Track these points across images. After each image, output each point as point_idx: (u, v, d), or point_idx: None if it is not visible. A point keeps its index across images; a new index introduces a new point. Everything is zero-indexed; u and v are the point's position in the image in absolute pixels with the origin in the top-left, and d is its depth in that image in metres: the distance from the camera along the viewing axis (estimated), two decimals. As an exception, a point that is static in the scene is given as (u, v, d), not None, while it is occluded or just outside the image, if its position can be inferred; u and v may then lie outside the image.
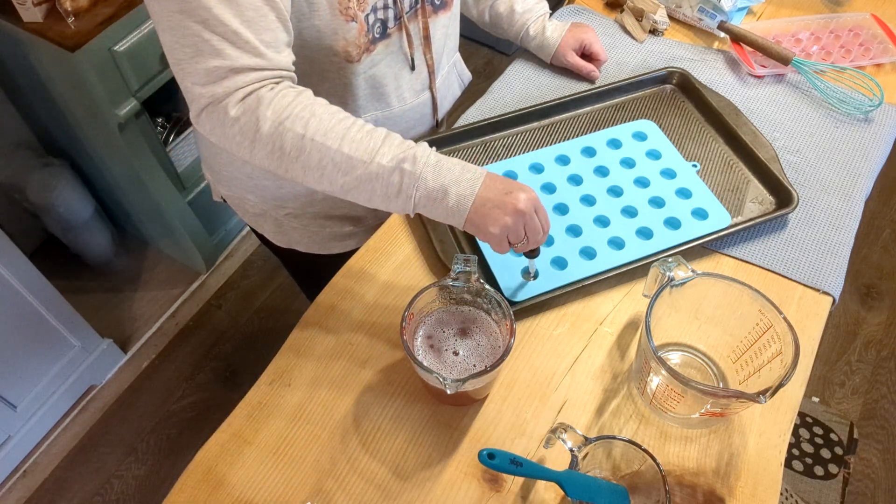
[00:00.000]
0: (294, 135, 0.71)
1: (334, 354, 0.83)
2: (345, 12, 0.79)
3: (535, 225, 0.74)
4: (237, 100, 0.70)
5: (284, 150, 0.71)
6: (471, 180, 0.72)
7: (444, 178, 0.71)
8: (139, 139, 1.58)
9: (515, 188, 0.73)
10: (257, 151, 0.73)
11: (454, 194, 0.71)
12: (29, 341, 1.57)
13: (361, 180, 0.72)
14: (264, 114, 0.70)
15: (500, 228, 0.72)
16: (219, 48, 0.68)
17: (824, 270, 0.89)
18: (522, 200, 0.72)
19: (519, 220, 0.72)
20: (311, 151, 0.71)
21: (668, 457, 0.75)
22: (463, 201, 0.72)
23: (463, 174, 0.72)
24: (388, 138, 0.73)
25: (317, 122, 0.71)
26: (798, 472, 1.68)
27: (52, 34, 1.32)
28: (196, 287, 2.05)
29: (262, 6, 0.69)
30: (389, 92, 0.93)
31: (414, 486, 0.73)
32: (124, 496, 1.68)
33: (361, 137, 0.72)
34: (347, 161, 0.71)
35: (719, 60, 1.17)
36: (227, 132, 0.72)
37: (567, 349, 0.83)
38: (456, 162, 0.73)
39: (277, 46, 0.72)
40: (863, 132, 1.05)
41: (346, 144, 0.71)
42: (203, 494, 0.73)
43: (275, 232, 1.08)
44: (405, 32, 0.89)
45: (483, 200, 0.72)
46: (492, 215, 0.72)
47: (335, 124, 0.72)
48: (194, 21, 0.67)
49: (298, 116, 0.71)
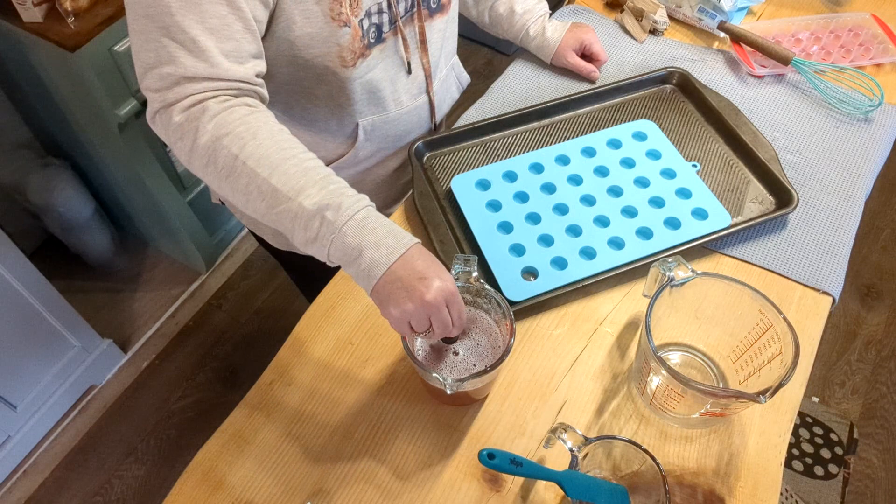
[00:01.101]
0: (228, 154, 0.68)
1: (334, 354, 0.83)
2: (337, 18, 0.78)
3: (444, 318, 0.67)
4: (183, 107, 0.69)
5: (217, 165, 0.69)
6: (390, 248, 0.66)
7: (363, 238, 0.66)
8: (139, 139, 1.58)
9: (433, 275, 0.66)
10: (194, 161, 0.71)
11: (368, 258, 0.65)
12: (29, 341, 1.57)
13: (282, 216, 0.68)
14: (205, 126, 0.69)
15: (400, 313, 0.66)
16: (175, 55, 0.68)
17: (824, 270, 0.89)
18: (433, 291, 0.65)
19: (422, 310, 0.65)
20: (240, 174, 0.68)
21: (668, 457, 0.75)
22: (374, 269, 0.65)
23: (385, 239, 0.66)
24: (323, 180, 0.68)
25: (254, 146, 0.68)
26: (798, 472, 1.68)
27: (52, 34, 1.32)
28: (196, 287, 2.05)
29: (228, 15, 0.68)
30: (386, 96, 0.92)
31: (414, 486, 0.73)
32: (124, 496, 1.68)
33: (294, 172, 0.68)
34: (273, 193, 0.67)
35: (719, 60, 1.17)
36: (171, 137, 0.72)
37: (567, 349, 0.83)
38: (387, 224, 0.68)
39: (240, 57, 0.71)
40: (863, 132, 1.05)
41: (275, 175, 0.67)
42: (203, 495, 0.73)
43: (274, 235, 1.08)
44: (401, 37, 0.88)
45: (393, 277, 0.65)
46: (395, 296, 0.65)
47: (273, 152, 0.68)
48: (157, 27, 0.67)
49: (238, 136, 0.68)
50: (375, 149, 0.98)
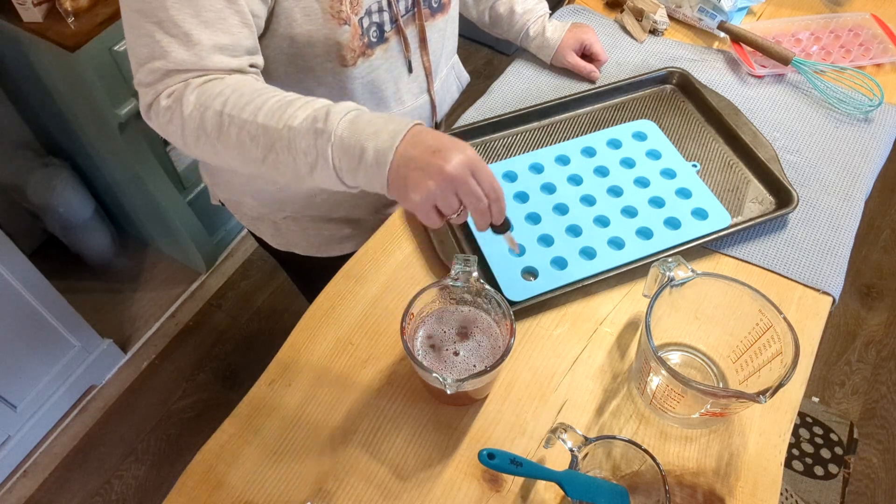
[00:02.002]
0: (213, 112, 0.66)
1: (334, 354, 0.83)
2: (336, 16, 0.78)
3: (474, 191, 0.60)
4: (169, 92, 0.69)
5: (206, 129, 0.67)
6: (392, 132, 0.60)
7: (360, 133, 0.60)
8: (139, 139, 1.58)
9: (448, 146, 0.59)
10: (187, 137, 0.69)
11: (371, 150, 0.59)
12: (29, 341, 1.57)
13: (278, 151, 0.64)
14: (188, 98, 0.67)
15: (424, 195, 0.59)
16: (167, 49, 0.67)
17: (824, 270, 0.89)
18: (452, 161, 0.58)
19: (447, 185, 0.59)
20: (228, 127, 0.65)
21: (668, 457, 0.75)
22: (381, 158, 0.59)
23: (384, 126, 0.61)
24: (309, 102, 0.64)
25: (236, 97, 0.66)
26: (798, 472, 1.68)
27: (52, 34, 1.32)
28: (196, 287, 2.05)
29: (224, 9, 0.68)
30: (388, 96, 0.92)
31: (414, 486, 0.73)
32: (124, 496, 1.68)
33: (279, 105, 0.64)
34: (262, 131, 0.64)
35: (719, 60, 1.17)
36: (162, 123, 0.71)
37: (567, 349, 0.83)
38: (383, 115, 0.62)
39: (234, 51, 0.70)
40: (863, 132, 1.05)
41: (262, 114, 0.64)
42: (203, 494, 0.73)
43: (273, 235, 1.08)
44: (402, 36, 0.89)
45: (404, 159, 0.59)
46: (413, 178, 0.59)
47: (255, 97, 0.65)
48: (150, 22, 0.67)
49: (220, 94, 0.66)
50: None
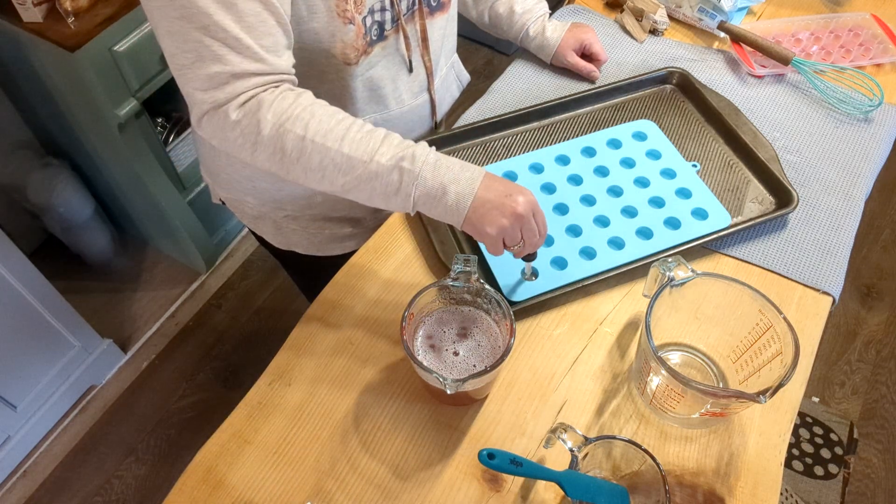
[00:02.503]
0: (294, 136, 0.71)
1: (334, 354, 0.83)
2: (342, 15, 0.79)
3: (533, 228, 0.74)
4: (238, 104, 0.71)
5: (286, 151, 0.72)
6: (469, 179, 0.72)
7: (443, 177, 0.72)
8: (139, 139, 1.58)
9: (515, 191, 0.73)
10: (259, 154, 0.74)
11: (453, 193, 0.72)
12: (29, 341, 1.57)
13: (361, 180, 0.72)
14: (265, 117, 0.71)
15: (497, 230, 0.72)
16: (220, 54, 0.69)
17: (824, 270, 0.89)
18: (521, 204, 0.72)
19: (516, 223, 0.72)
20: (311, 153, 0.72)
21: (668, 457, 0.75)
22: (462, 200, 0.72)
23: (462, 173, 0.73)
24: (388, 138, 0.73)
25: (317, 124, 0.72)
26: (798, 472, 1.68)
27: (52, 34, 1.32)
28: (196, 287, 2.05)
29: (262, 11, 0.70)
30: (387, 94, 0.93)
31: (414, 486, 0.73)
32: (124, 496, 1.68)
33: (361, 137, 0.72)
34: (347, 161, 0.72)
35: (719, 60, 1.17)
36: (229, 136, 0.73)
37: (567, 349, 0.83)
38: (455, 161, 0.74)
39: (277, 50, 0.73)
40: (863, 132, 1.05)
41: (346, 145, 0.72)
42: (203, 494, 0.73)
43: (274, 234, 1.08)
44: (402, 34, 0.89)
45: (482, 201, 0.72)
46: (490, 216, 0.72)
47: (335, 125, 0.73)
48: (195, 27, 0.67)
49: (298, 118, 0.72)
50: None
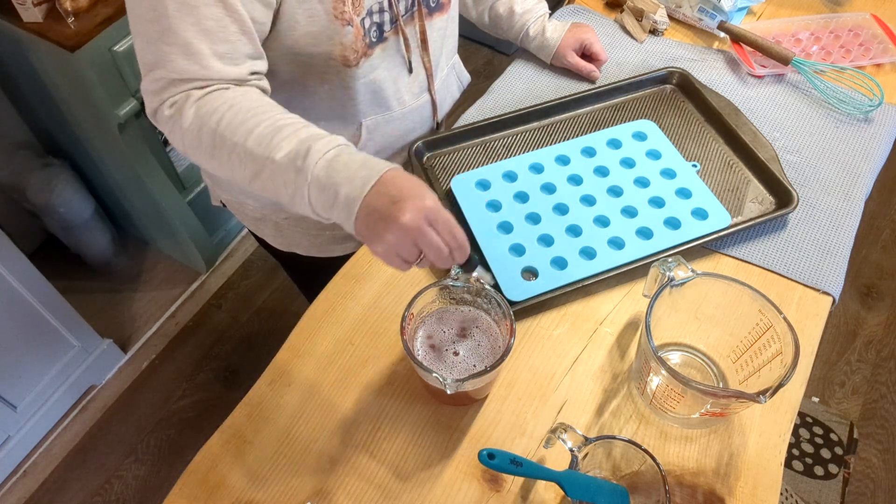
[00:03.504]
0: (209, 129, 0.68)
1: (334, 354, 0.83)
2: (340, 17, 0.78)
3: (433, 241, 0.61)
4: (172, 102, 0.71)
5: (202, 144, 0.69)
6: (364, 179, 0.60)
7: (336, 176, 0.61)
8: (139, 139, 1.58)
9: (407, 195, 0.60)
10: (187, 148, 0.72)
11: (343, 196, 0.60)
12: (29, 341, 1.57)
13: (263, 178, 0.66)
14: (187, 111, 0.70)
15: (384, 247, 0.61)
16: (169, 58, 0.69)
17: (824, 270, 0.89)
18: (407, 212, 0.59)
19: (404, 236, 0.60)
20: (221, 146, 0.67)
21: (668, 457, 0.75)
22: (350, 205, 0.60)
23: (358, 171, 0.61)
24: (296, 132, 0.65)
25: (231, 115, 0.67)
26: (798, 472, 1.68)
27: (52, 34, 1.32)
28: (196, 287, 2.05)
29: (223, 17, 0.69)
30: (388, 95, 0.92)
31: (414, 486, 0.73)
32: (124, 496, 1.68)
33: (268, 132, 0.65)
34: (250, 157, 0.65)
35: (719, 60, 1.17)
36: (165, 130, 0.73)
37: (567, 349, 0.83)
38: (359, 157, 0.63)
39: (234, 58, 0.71)
40: (863, 132, 1.05)
41: (251, 139, 0.65)
42: (203, 494, 0.73)
43: (274, 235, 1.08)
44: (402, 36, 0.89)
45: (369, 209, 0.60)
46: (375, 229, 0.60)
47: (249, 118, 0.66)
48: (155, 30, 0.68)
49: (216, 111, 0.68)
50: (378, 148, 0.98)
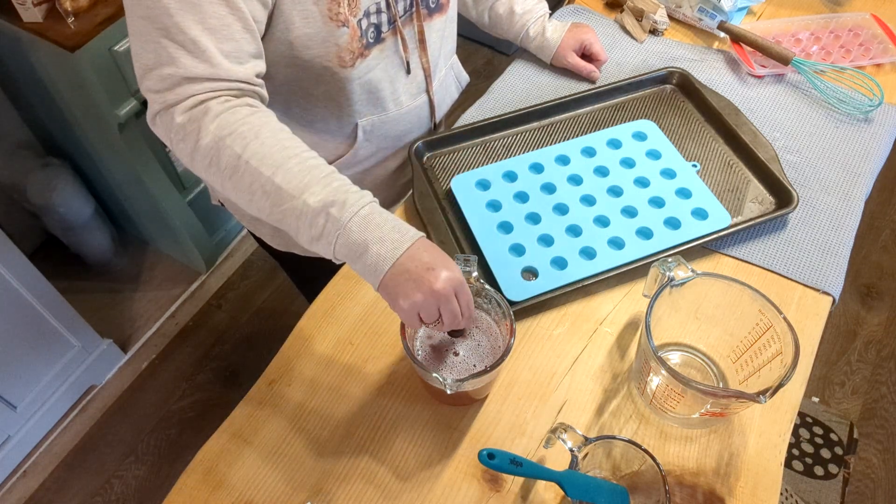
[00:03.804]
0: (231, 153, 0.68)
1: (334, 354, 0.83)
2: (335, 18, 0.78)
3: (454, 309, 0.67)
4: (185, 108, 0.70)
5: (220, 166, 0.69)
6: (396, 242, 0.66)
7: (368, 234, 0.66)
8: (139, 139, 1.58)
9: (440, 265, 0.66)
10: (196, 162, 0.71)
11: (374, 253, 0.65)
12: (29, 341, 1.57)
13: (286, 214, 0.68)
14: (207, 126, 0.69)
15: (410, 304, 0.66)
16: (175, 56, 0.68)
17: (824, 270, 0.89)
18: (441, 280, 0.65)
19: (432, 300, 0.65)
20: (244, 173, 0.68)
21: (668, 457, 0.75)
22: (381, 263, 0.65)
23: (390, 234, 0.66)
24: (327, 178, 0.68)
25: (257, 145, 0.68)
26: (798, 472, 1.68)
27: (52, 34, 1.32)
28: (196, 287, 2.05)
29: (227, 15, 0.69)
30: (385, 96, 0.92)
31: (414, 486, 0.73)
32: (124, 496, 1.68)
33: (299, 171, 0.68)
34: (277, 192, 0.67)
35: (719, 60, 1.17)
36: (172, 138, 0.72)
37: (567, 349, 0.83)
38: (391, 219, 0.68)
39: (239, 57, 0.71)
40: (863, 132, 1.05)
41: (279, 174, 0.67)
42: (203, 494, 0.73)
43: (273, 235, 1.08)
44: (400, 37, 0.88)
45: (402, 269, 0.65)
46: (405, 288, 0.65)
47: (276, 151, 0.69)
48: (156, 28, 0.67)
49: (241, 135, 0.69)
50: (375, 149, 0.98)
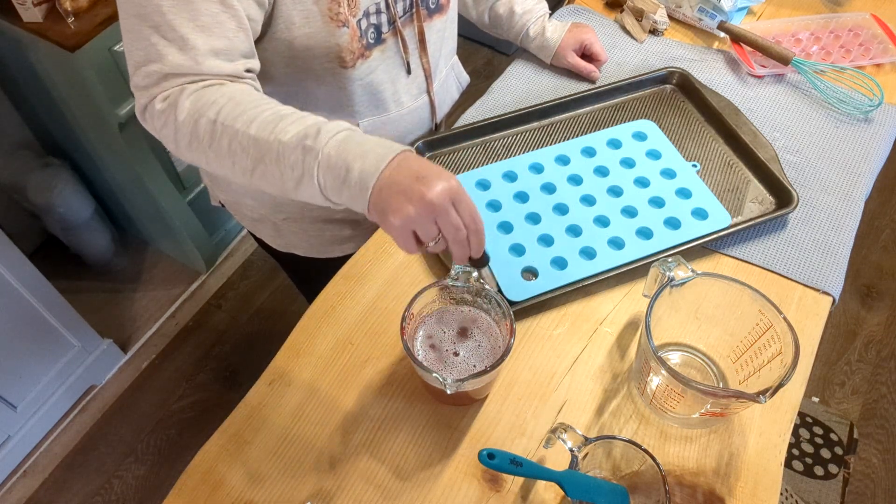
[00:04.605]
0: (207, 120, 0.67)
1: (334, 354, 0.83)
2: (335, 18, 0.78)
3: (453, 220, 0.61)
4: (164, 96, 0.69)
5: (199, 136, 0.67)
6: (380, 155, 0.61)
7: (348, 153, 0.61)
8: (139, 139, 1.58)
9: (432, 174, 0.60)
10: (180, 143, 0.70)
11: (356, 171, 0.60)
12: (29, 341, 1.57)
13: (267, 163, 0.65)
14: (183, 103, 0.68)
15: (403, 220, 0.60)
16: (163, 53, 0.68)
17: (824, 270, 0.89)
18: (434, 189, 0.59)
19: (427, 212, 0.60)
20: (221, 136, 0.66)
21: (668, 457, 0.75)
22: (365, 179, 0.60)
23: (374, 148, 0.62)
24: (302, 119, 0.65)
25: (231, 106, 0.66)
26: (798, 472, 1.68)
27: (52, 34, 1.32)
28: (196, 287, 2.05)
29: (220, 13, 0.68)
30: (386, 97, 0.92)
31: (414, 486, 0.73)
32: (124, 496, 1.68)
33: (271, 119, 0.65)
34: (253, 143, 0.65)
35: (719, 60, 1.17)
36: (157, 127, 0.71)
37: (567, 349, 0.83)
38: (371, 139, 0.63)
39: (230, 55, 0.71)
40: (863, 132, 1.05)
41: (254, 126, 0.65)
42: (203, 494, 0.73)
43: (273, 236, 1.08)
44: (400, 37, 0.88)
45: (388, 182, 0.60)
46: (393, 202, 0.60)
47: (249, 108, 0.66)
48: (147, 26, 0.67)
49: (215, 103, 0.67)
50: None
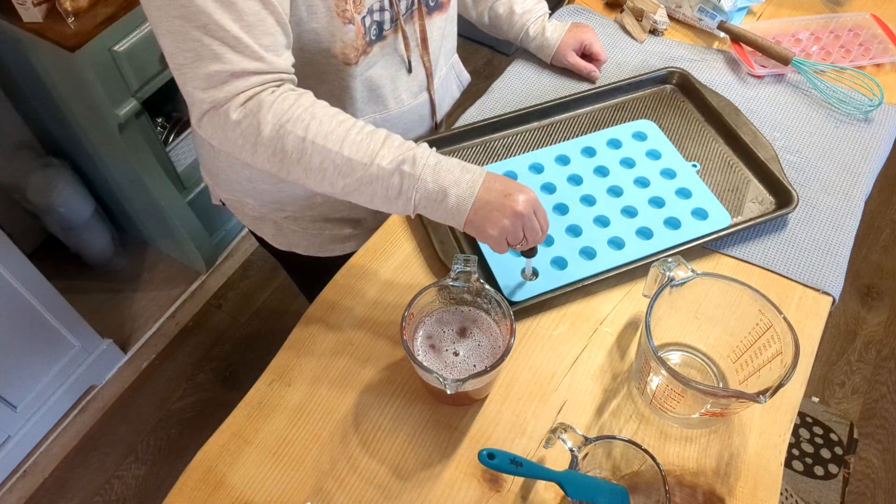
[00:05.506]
0: (295, 138, 0.72)
1: (334, 354, 0.83)
2: (342, 15, 0.79)
3: (534, 226, 0.74)
4: (238, 104, 0.71)
5: (286, 152, 0.73)
6: (470, 182, 0.73)
7: (443, 180, 0.72)
8: (139, 139, 1.58)
9: (514, 190, 0.73)
10: (259, 155, 0.74)
11: (454, 196, 0.72)
12: (29, 341, 1.57)
13: (362, 182, 0.73)
14: (265, 117, 0.71)
15: (499, 231, 0.73)
16: (219, 53, 0.69)
17: (824, 270, 0.89)
18: (521, 203, 0.72)
19: (517, 222, 0.73)
20: (311, 154, 0.72)
21: (668, 457, 0.75)
22: (462, 203, 0.72)
23: (462, 175, 0.73)
24: (388, 140, 0.74)
25: (317, 125, 0.72)
26: (798, 472, 1.68)
27: (52, 34, 1.32)
28: (196, 287, 2.05)
29: (261, 11, 0.70)
30: (387, 94, 0.93)
31: (414, 486, 0.73)
32: (124, 496, 1.68)
33: (362, 139, 0.73)
34: (348, 164, 0.72)
35: (719, 60, 1.17)
36: (229, 136, 0.73)
37: (567, 349, 0.83)
38: (455, 163, 0.74)
39: (277, 50, 0.73)
40: (863, 132, 1.05)
41: (346, 147, 0.72)
42: (203, 494, 0.73)
43: (274, 235, 1.08)
44: (401, 34, 0.89)
45: (482, 203, 0.72)
46: (491, 218, 0.72)
47: (335, 126, 0.73)
48: (194, 26, 0.68)
49: (299, 119, 0.72)
50: None
